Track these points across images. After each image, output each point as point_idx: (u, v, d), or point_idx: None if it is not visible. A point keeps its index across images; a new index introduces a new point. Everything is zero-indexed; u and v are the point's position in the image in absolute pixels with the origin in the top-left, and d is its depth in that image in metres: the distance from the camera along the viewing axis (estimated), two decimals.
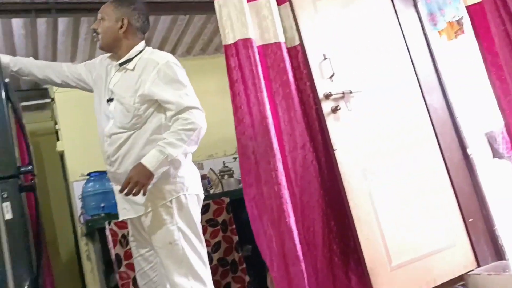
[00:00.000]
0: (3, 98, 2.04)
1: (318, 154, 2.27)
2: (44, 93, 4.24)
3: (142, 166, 1.73)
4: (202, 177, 3.82)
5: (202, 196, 1.95)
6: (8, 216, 1.89)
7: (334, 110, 2.25)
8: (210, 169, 3.78)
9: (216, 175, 3.68)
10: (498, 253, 2.46)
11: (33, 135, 4.09)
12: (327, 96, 2.26)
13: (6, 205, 1.90)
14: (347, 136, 2.25)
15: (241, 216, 3.05)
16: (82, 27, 3.40)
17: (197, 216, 1.86)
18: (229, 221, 3.20)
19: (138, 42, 1.94)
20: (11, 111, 2.17)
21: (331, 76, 2.30)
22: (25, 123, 2.30)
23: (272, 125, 2.17)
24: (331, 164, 2.23)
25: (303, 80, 2.33)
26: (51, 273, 3.56)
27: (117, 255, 2.65)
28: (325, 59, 2.31)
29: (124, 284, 2.62)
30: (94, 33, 1.96)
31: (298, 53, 2.35)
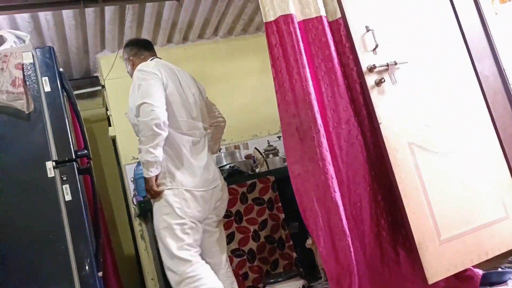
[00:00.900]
0: (59, 87, 2.16)
1: (363, 128, 2.23)
2: (95, 81, 4.41)
3: None
4: (247, 156, 3.93)
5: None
6: (68, 198, 2.02)
7: (378, 83, 2.20)
8: (255, 148, 3.82)
9: (261, 154, 3.72)
10: None
11: (86, 122, 4.29)
12: (371, 69, 2.21)
13: (66, 187, 2.03)
14: (392, 110, 2.19)
15: (286, 194, 3.08)
16: (128, 14, 3.49)
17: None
18: (275, 199, 3.24)
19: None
20: (66, 99, 2.29)
21: (374, 48, 2.24)
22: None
23: (315, 101, 2.15)
24: (376, 138, 2.19)
25: (346, 54, 2.28)
26: (112, 252, 3.76)
27: None
28: (368, 31, 2.24)
29: None
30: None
31: (340, 27, 2.30)
